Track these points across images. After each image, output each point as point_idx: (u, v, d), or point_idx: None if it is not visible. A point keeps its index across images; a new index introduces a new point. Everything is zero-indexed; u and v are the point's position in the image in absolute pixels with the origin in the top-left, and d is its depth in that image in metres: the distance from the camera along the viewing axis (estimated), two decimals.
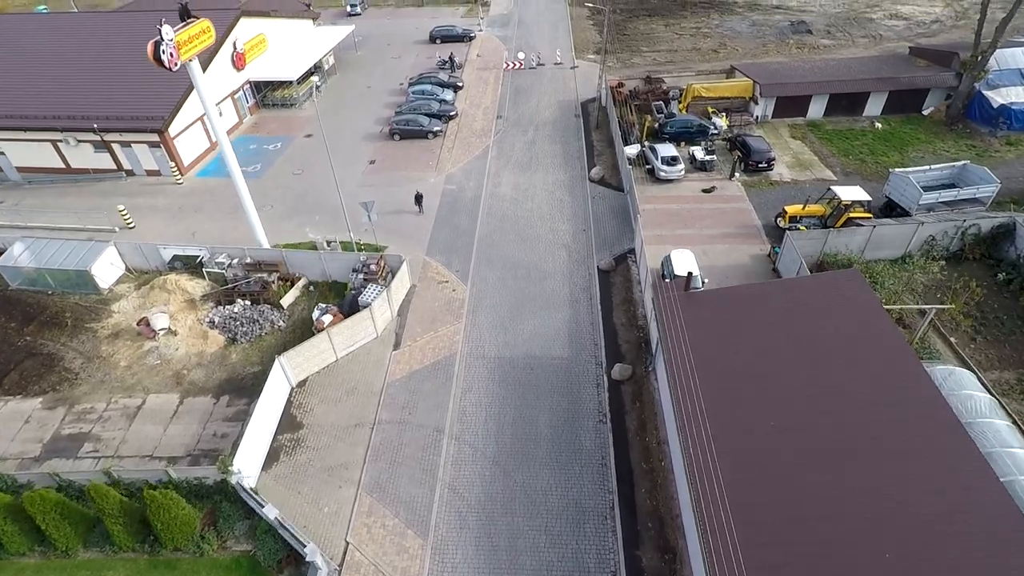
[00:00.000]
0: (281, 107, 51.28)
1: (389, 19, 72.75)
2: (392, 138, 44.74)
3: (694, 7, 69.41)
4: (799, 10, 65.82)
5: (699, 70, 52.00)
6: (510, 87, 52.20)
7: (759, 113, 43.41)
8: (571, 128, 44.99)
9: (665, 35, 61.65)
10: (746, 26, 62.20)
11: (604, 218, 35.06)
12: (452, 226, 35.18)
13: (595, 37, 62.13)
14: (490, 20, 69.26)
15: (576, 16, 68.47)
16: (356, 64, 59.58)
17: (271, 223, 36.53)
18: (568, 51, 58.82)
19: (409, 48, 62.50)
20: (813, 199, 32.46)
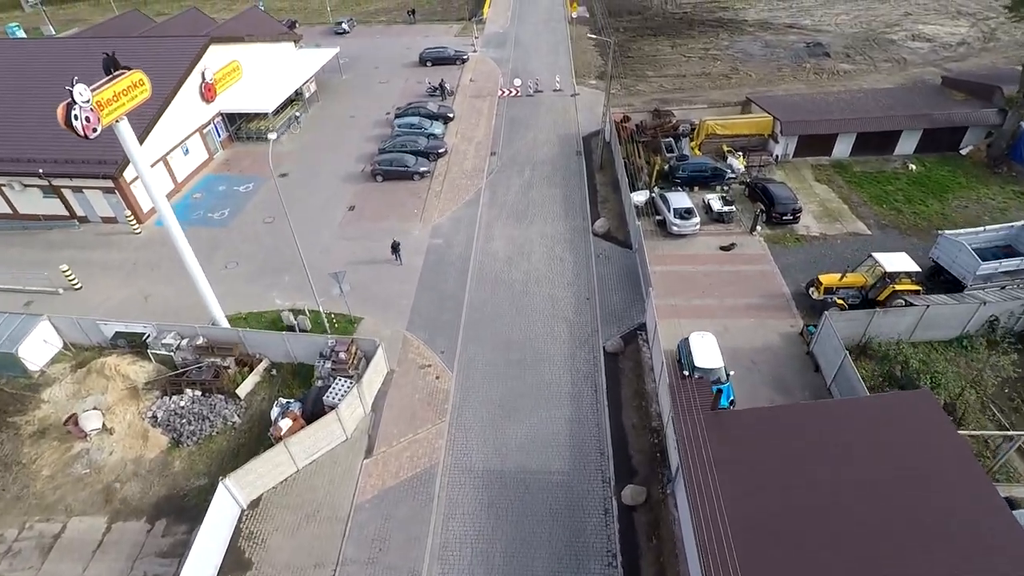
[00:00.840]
0: (256, 140, 47.11)
1: (378, 38, 68.67)
2: (375, 179, 40.58)
3: (702, 26, 65.38)
4: (814, 29, 61.77)
5: (711, 100, 47.85)
6: (505, 117, 48.06)
7: (779, 152, 39.29)
8: (572, 168, 40.82)
9: (672, 57, 57.56)
10: (758, 48, 58.13)
11: (610, 282, 30.86)
12: (437, 291, 31.00)
13: (597, 60, 58.04)
14: (485, 40, 65.17)
15: (577, 36, 64.39)
16: (340, 90, 55.45)
17: (234, 285, 32.39)
18: (568, 76, 54.70)
19: (398, 72, 58.36)
20: (851, 267, 28.30)
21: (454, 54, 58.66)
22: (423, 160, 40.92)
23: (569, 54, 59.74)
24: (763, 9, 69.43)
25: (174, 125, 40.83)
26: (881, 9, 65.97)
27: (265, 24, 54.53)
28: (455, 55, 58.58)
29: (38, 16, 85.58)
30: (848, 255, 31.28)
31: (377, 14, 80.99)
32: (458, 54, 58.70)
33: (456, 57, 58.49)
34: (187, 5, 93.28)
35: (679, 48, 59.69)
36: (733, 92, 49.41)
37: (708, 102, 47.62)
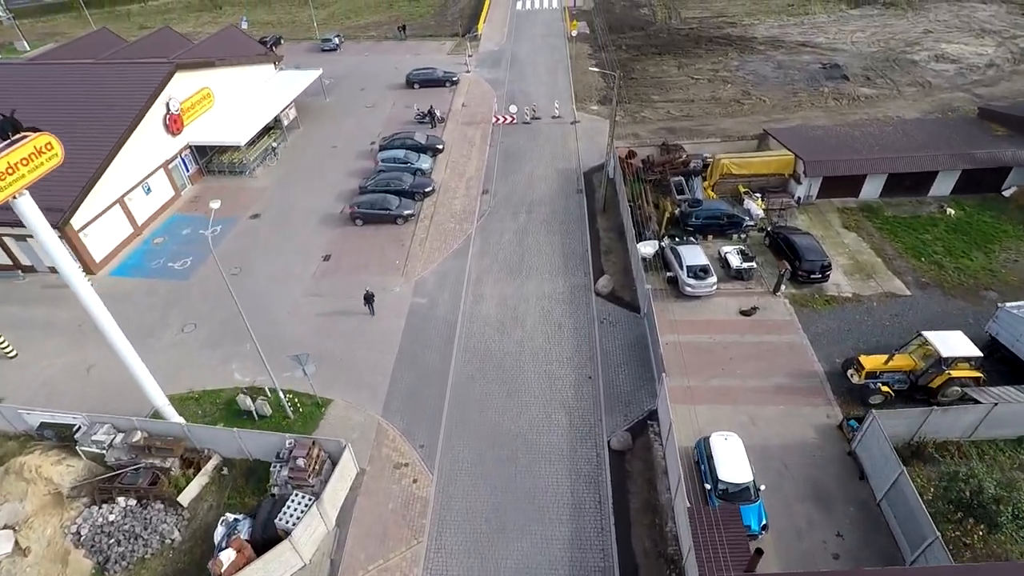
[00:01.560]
0: (230, 174, 43.29)
1: (367, 55, 64.90)
2: (354, 223, 36.74)
3: (709, 44, 61.63)
4: (829, 48, 58.02)
5: (723, 130, 44.03)
6: (499, 148, 44.23)
7: (802, 194, 35.47)
8: (572, 210, 36.97)
9: (679, 79, 53.78)
10: (771, 69, 54.36)
11: (615, 356, 26.99)
12: (418, 366, 27.12)
13: (598, 82, 54.23)
14: (479, 58, 61.40)
15: (577, 54, 60.62)
16: (323, 115, 51.64)
17: (190, 354, 28.60)
18: (568, 100, 50.90)
19: (385, 95, 54.55)
20: (897, 347, 24.47)
21: (443, 76, 54.88)
22: (407, 202, 37.08)
23: (569, 75, 55.95)
24: (773, 25, 65.72)
25: (134, 162, 37.05)
26: (898, 26, 62.25)
27: (242, 44, 50.76)
28: (444, 77, 54.81)
29: (12, 31, 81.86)
30: (887, 322, 27.47)
31: (367, 28, 77.32)
32: (447, 76, 54.94)
33: (445, 79, 54.72)
34: (171, 19, 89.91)
35: (686, 69, 55.92)
36: (747, 121, 45.62)
37: (720, 133, 43.78)
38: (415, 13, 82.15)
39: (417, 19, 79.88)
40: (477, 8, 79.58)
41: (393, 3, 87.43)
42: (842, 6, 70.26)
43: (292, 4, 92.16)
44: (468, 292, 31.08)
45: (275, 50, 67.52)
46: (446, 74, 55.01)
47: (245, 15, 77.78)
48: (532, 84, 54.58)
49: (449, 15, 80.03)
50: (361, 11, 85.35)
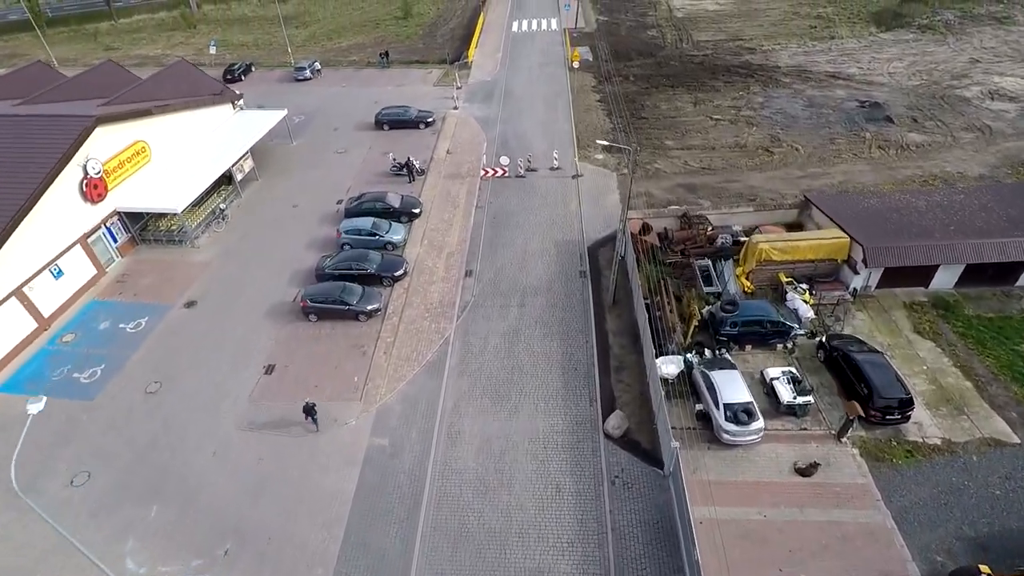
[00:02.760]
0: (168, 243, 36.52)
1: (344, 87, 58.14)
2: (307, 318, 29.95)
3: (727, 74, 54.85)
4: (864, 81, 51.23)
5: (752, 191, 37.24)
6: (488, 212, 37.40)
7: (858, 285, 28.63)
8: (574, 303, 30.08)
9: (696, 119, 46.96)
10: (801, 107, 47.56)
11: (632, 540, 20.12)
12: (371, 555, 20.25)
13: (604, 121, 47.40)
14: (469, 91, 54.63)
15: (579, 87, 53.80)
16: (287, 163, 44.87)
17: (73, 523, 21.78)
18: (569, 145, 44.08)
19: (360, 137, 47.75)
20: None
21: (416, 116, 47.95)
22: (373, 292, 30.26)
23: (570, 111, 49.11)
24: (797, 52, 58.95)
25: (37, 242, 30.31)
26: (940, 54, 55.46)
27: (194, 83, 44.03)
28: (418, 117, 47.89)
29: None
30: (997, 489, 20.63)
31: (349, 51, 70.65)
32: (421, 116, 47.98)
33: (419, 120, 47.81)
34: (140, 39, 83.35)
35: (703, 105, 49.10)
36: (779, 176, 38.81)
37: (749, 192, 36.98)
38: (402, 34, 75.54)
39: (404, 41, 73.26)
40: (469, 29, 72.95)
41: (379, 23, 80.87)
42: (871, 29, 63.52)
43: (271, 23, 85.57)
44: (442, 429, 24.21)
45: (244, 79, 61.00)
46: (421, 113, 48.13)
47: (215, 39, 71.00)
48: (528, 123, 47.77)
49: (439, 37, 73.37)
50: (344, 31, 78.78)
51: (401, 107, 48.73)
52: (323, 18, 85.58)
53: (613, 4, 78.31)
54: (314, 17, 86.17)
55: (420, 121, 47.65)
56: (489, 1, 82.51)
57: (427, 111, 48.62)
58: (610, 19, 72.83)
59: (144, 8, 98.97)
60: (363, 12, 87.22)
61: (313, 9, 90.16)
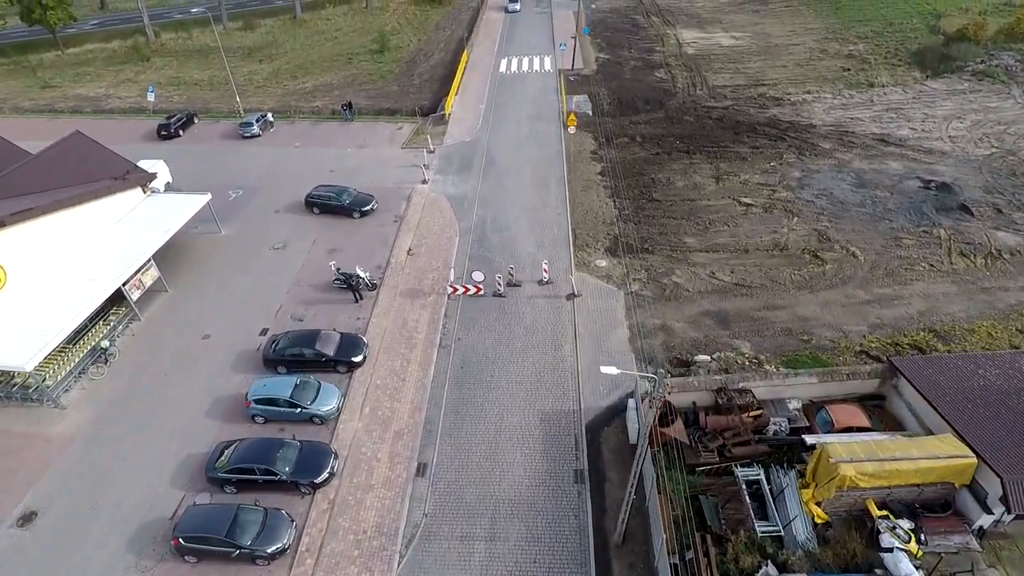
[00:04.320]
0: (23, 402, 27.33)
1: (297, 147, 49.00)
2: (183, 558, 20.70)
3: (753, 134, 45.85)
4: (920, 148, 42.19)
5: (806, 327, 28.11)
6: (453, 357, 28.18)
7: (987, 523, 19.47)
8: (566, 538, 20.80)
9: (719, 202, 37.87)
10: (849, 186, 38.50)
11: None
12: None
13: (608, 208, 38.23)
14: (444, 155, 45.49)
15: (577, 152, 44.61)
16: (208, 264, 35.73)
17: None
18: (563, 245, 34.93)
19: (304, 226, 38.52)
20: None
21: (351, 202, 38.36)
22: (278, 524, 20.97)
23: (565, 190, 39.93)
24: (832, 104, 49.93)
25: None
26: (1007, 110, 46.48)
27: (91, 162, 34.94)
28: (352, 204, 38.25)
29: None
30: None
31: (313, 95, 61.61)
32: (358, 203, 38.48)
33: (353, 207, 38.22)
34: (85, 73, 74.24)
35: (728, 181, 40.01)
36: (837, 297, 29.72)
37: (802, 328, 27.86)
38: (376, 72, 66.53)
39: (376, 81, 64.25)
40: (451, 67, 63.91)
41: (352, 57, 71.87)
42: (915, 74, 54.54)
43: (233, 56, 76.52)
44: None
45: (182, 133, 51.89)
46: (359, 198, 38.72)
47: (153, 85, 61.80)
48: (512, 208, 38.61)
49: (416, 76, 64.33)
50: (313, 67, 69.77)
51: (336, 188, 39.36)
52: (292, 50, 76.59)
53: (615, 39, 69.34)
54: (282, 49, 77.14)
55: (354, 209, 38.31)
56: (475, 34, 73.49)
57: (367, 195, 39.11)
58: (612, 57, 63.84)
59: (98, 36, 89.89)
60: (336, 43, 78.24)
61: (282, 39, 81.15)
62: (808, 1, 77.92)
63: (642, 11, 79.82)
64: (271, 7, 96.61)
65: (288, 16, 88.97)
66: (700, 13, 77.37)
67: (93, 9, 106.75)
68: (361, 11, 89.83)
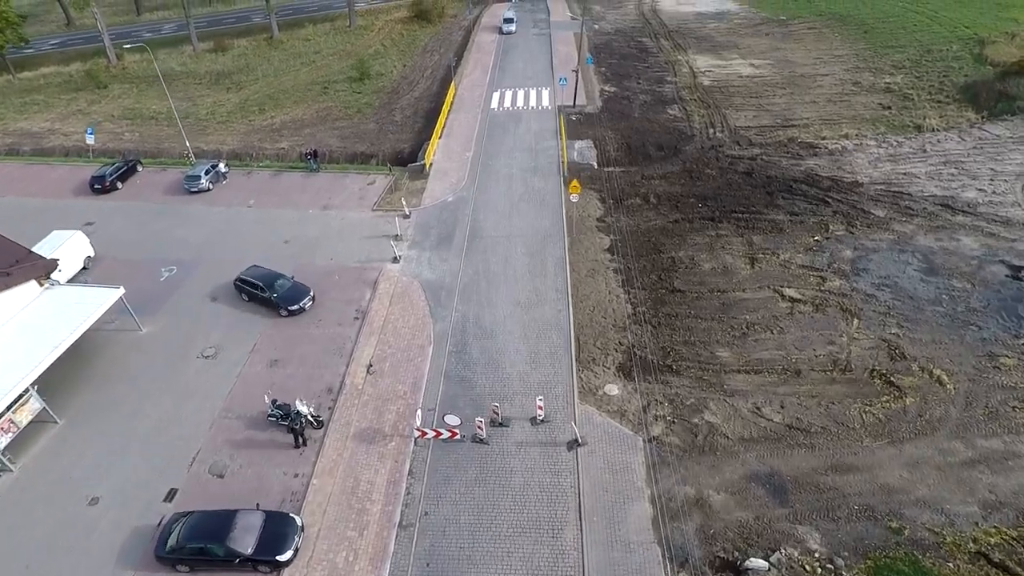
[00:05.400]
0: None
1: (251, 205, 41.71)
2: None
3: (788, 194, 38.64)
4: (994, 217, 34.93)
5: (902, 530, 20.74)
6: (417, 542, 20.82)
7: None
8: None
9: (757, 296, 30.54)
10: (917, 273, 31.20)
11: None
12: None
13: (617, 299, 30.89)
14: (421, 220, 38.14)
15: (580, 218, 37.26)
16: (114, 380, 28.36)
17: None
18: (565, 363, 27.57)
19: (244, 324, 31.12)
20: None
21: (282, 295, 30.86)
22: None
23: (566, 276, 32.61)
24: (879, 156, 42.67)
25: None
26: None
27: None
28: (280, 299, 30.75)
29: None
30: None
31: (280, 133, 54.48)
32: (292, 295, 30.98)
33: (281, 303, 30.73)
34: (35, 102, 66.90)
35: (765, 263, 32.73)
36: (927, 452, 22.37)
37: (892, 523, 20.47)
38: (352, 104, 59.40)
39: (353, 116, 57.11)
40: (436, 101, 56.79)
41: (329, 85, 64.76)
42: (968, 114, 47.31)
43: (199, 83, 69.53)
44: None
45: (120, 186, 44.61)
46: (292, 290, 31.22)
47: (92, 127, 54.51)
48: (500, 302, 31.26)
49: (397, 111, 57.16)
50: (284, 98, 62.59)
51: (268, 274, 31.86)
52: (264, 76, 69.42)
53: (621, 67, 62.16)
54: (253, 75, 69.97)
55: (281, 306, 30.77)
56: (465, 60, 66.31)
57: (302, 289, 31.33)
58: (618, 90, 56.64)
59: (56, 58, 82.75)
60: (314, 68, 71.10)
61: (255, 63, 74.00)
62: (832, 23, 70.97)
63: (649, 33, 72.74)
64: (248, 25, 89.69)
65: (264, 36, 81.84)
66: (713, 36, 70.29)
67: (59, 26, 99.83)
68: (344, 30, 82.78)
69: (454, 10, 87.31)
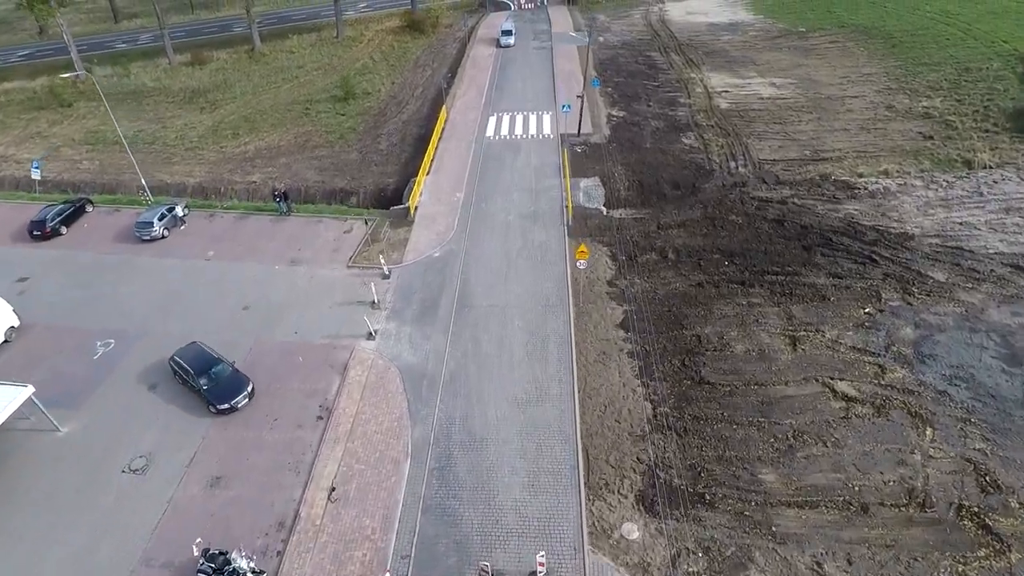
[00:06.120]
0: None
1: (210, 257, 36.41)
2: None
3: (828, 249, 33.30)
4: None
5: None
6: None
7: None
8: None
9: (802, 388, 25.24)
10: (996, 362, 25.87)
11: None
12: None
13: (634, 394, 25.62)
14: (403, 282, 32.83)
15: (588, 281, 31.90)
16: (15, 502, 23.08)
17: None
18: (572, 488, 22.31)
19: (186, 421, 25.87)
20: None
21: (212, 387, 25.42)
22: None
23: (572, 367, 27.29)
24: (929, 199, 37.36)
25: None
26: None
27: None
28: (211, 393, 25.29)
29: None
30: None
31: (253, 163, 49.23)
32: (225, 389, 25.40)
33: (210, 399, 25.25)
34: None
35: (809, 342, 27.42)
36: None
37: None
38: (335, 128, 54.11)
39: (335, 143, 51.83)
40: (427, 123, 51.57)
41: (311, 105, 59.49)
42: (1021, 146, 41.99)
43: (176, 102, 64.20)
44: None
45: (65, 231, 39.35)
46: (228, 382, 25.72)
47: (39, 160, 49.00)
48: (492, 399, 25.96)
49: (383, 139, 51.87)
50: (260, 121, 57.26)
51: (202, 359, 26.40)
52: (242, 94, 64.06)
53: (629, 86, 56.80)
54: (230, 93, 64.62)
55: (211, 401, 25.32)
56: (459, 77, 60.92)
57: (239, 380, 25.79)
58: (627, 114, 51.30)
59: (23, 71, 77.45)
60: (296, 84, 65.79)
61: (234, 78, 68.63)
62: (856, 36, 65.49)
63: (658, 46, 67.30)
64: (230, 35, 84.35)
65: (246, 48, 76.45)
66: (728, 50, 64.86)
67: (31, 35, 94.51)
68: (331, 41, 77.42)
69: (449, 19, 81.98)
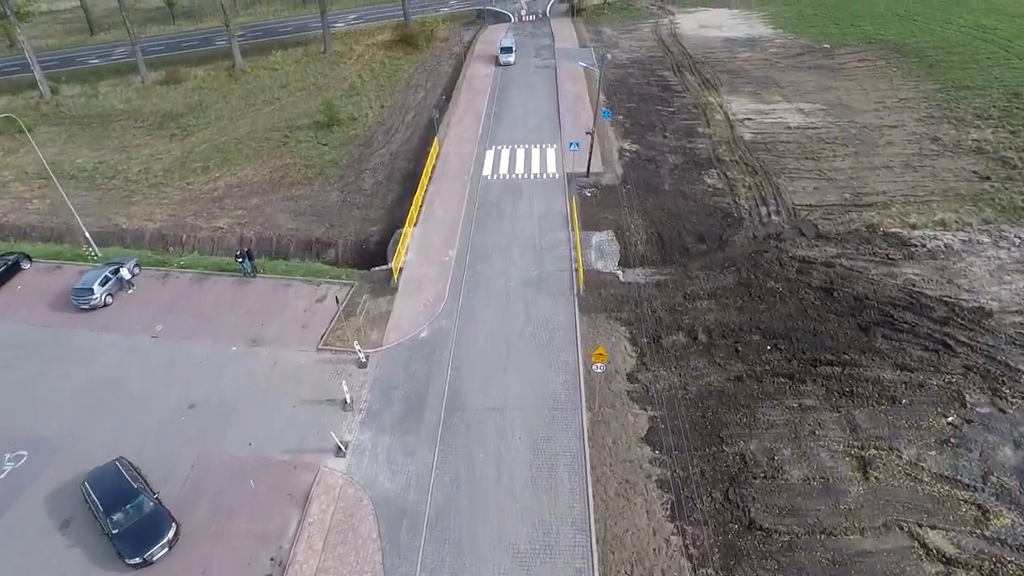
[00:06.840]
0: None
1: (157, 333, 30.91)
2: None
3: (890, 329, 27.85)
4: None
5: None
6: None
7: None
8: None
9: (883, 540, 19.85)
10: None
11: None
12: None
13: (670, 555, 20.18)
14: (380, 376, 27.31)
15: (606, 377, 26.40)
16: None
17: None
18: None
19: (107, 569, 20.46)
20: None
21: (124, 531, 19.94)
22: None
23: (588, 504, 21.82)
24: (1001, 261, 31.98)
25: None
26: None
27: None
28: (121, 540, 19.85)
29: None
30: None
31: (223, 203, 43.88)
32: (139, 536, 19.76)
33: (121, 548, 19.77)
34: None
35: (881, 466, 22.02)
36: None
37: None
38: (316, 162, 48.70)
39: (314, 180, 46.46)
40: (417, 156, 46.22)
41: (292, 132, 54.10)
42: None
43: (144, 127, 58.83)
44: None
45: None
46: (146, 522, 20.12)
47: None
48: (488, 552, 20.55)
49: (368, 173, 46.42)
50: (235, 151, 51.87)
51: (119, 487, 20.97)
52: (217, 119, 58.66)
53: (641, 113, 51.35)
54: (205, 117, 59.23)
55: (122, 552, 19.70)
56: (454, 102, 55.44)
57: (159, 525, 20.15)
58: (641, 148, 45.86)
59: None
60: (277, 107, 60.39)
61: (211, 99, 63.23)
62: (886, 54, 60.11)
63: (671, 64, 61.84)
64: (211, 49, 78.74)
65: (226, 64, 71.03)
66: (748, 69, 59.40)
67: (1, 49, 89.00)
68: (318, 57, 71.95)
69: (445, 32, 76.53)
